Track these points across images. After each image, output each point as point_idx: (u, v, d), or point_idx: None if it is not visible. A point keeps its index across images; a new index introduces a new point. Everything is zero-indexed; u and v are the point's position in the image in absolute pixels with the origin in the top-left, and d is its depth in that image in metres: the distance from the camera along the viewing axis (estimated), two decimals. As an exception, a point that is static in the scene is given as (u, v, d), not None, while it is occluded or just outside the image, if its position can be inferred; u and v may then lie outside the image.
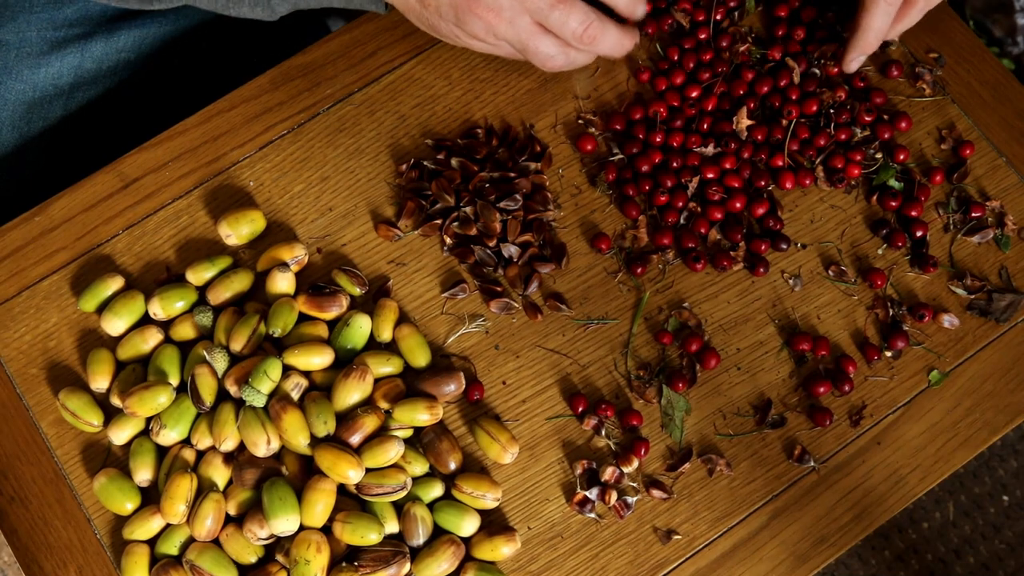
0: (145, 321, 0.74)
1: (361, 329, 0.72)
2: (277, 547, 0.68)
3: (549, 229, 0.77)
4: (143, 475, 0.69)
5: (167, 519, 0.68)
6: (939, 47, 0.82)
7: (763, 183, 0.77)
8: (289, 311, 0.71)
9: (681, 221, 0.77)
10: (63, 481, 0.71)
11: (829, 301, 0.75)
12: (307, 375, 0.71)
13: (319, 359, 0.70)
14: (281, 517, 0.65)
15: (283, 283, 0.73)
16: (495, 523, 0.70)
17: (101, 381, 0.72)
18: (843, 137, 0.78)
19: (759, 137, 0.78)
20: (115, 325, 0.73)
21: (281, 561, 0.67)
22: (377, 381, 0.71)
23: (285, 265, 0.73)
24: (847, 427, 0.72)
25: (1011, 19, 1.49)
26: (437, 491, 0.69)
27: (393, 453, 0.67)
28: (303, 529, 0.66)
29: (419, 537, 0.67)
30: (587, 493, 0.70)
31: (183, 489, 0.67)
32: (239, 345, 0.70)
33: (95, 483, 0.70)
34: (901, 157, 0.78)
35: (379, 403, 0.70)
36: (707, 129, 0.79)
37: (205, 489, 0.68)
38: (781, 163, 0.78)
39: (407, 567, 0.67)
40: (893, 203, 0.77)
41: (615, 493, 0.70)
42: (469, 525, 0.68)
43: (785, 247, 0.76)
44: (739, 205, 0.77)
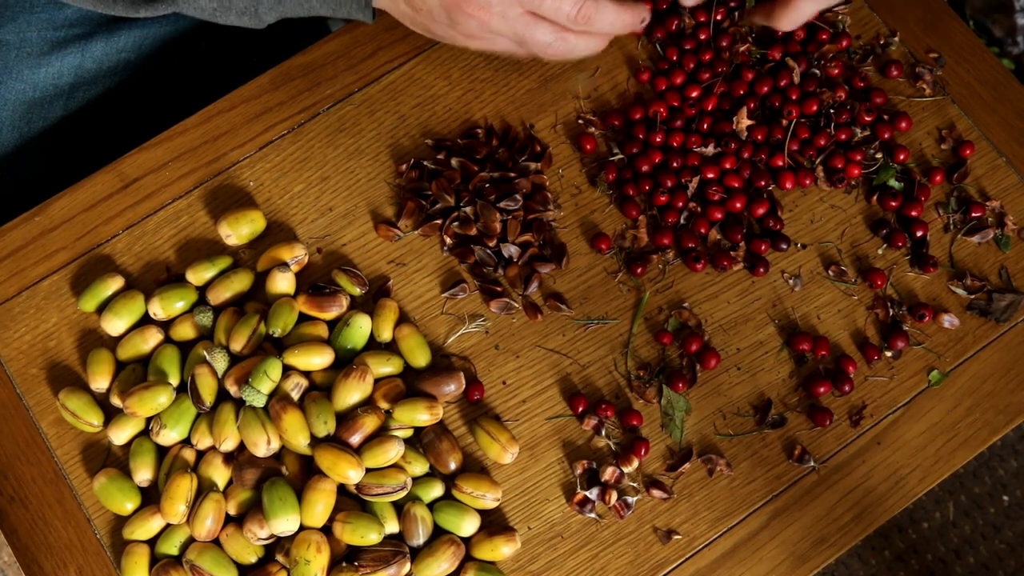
0: (145, 321, 0.74)
1: (361, 329, 0.72)
2: (277, 547, 0.68)
3: (549, 229, 0.77)
4: (143, 475, 0.69)
5: (167, 519, 0.68)
6: (939, 47, 0.82)
7: (763, 183, 0.77)
8: (289, 311, 0.71)
9: (681, 221, 0.77)
10: (63, 481, 0.71)
11: (829, 301, 0.75)
12: (307, 375, 0.71)
13: (319, 359, 0.70)
14: (281, 517, 0.65)
15: (283, 283, 0.73)
16: (495, 523, 0.70)
17: (101, 381, 0.72)
18: (843, 137, 0.78)
19: (759, 137, 0.78)
20: (115, 325, 0.73)
21: (281, 561, 0.67)
22: (377, 381, 0.71)
23: (285, 265, 0.73)
24: (847, 427, 0.72)
25: (1011, 19, 1.49)
26: (437, 491, 0.69)
27: (393, 453, 0.67)
28: (303, 529, 0.66)
29: (419, 537, 0.67)
30: (587, 493, 0.70)
31: (183, 489, 0.67)
32: (239, 345, 0.70)
33: (95, 483, 0.70)
34: (901, 157, 0.78)
35: (379, 403, 0.70)
36: (707, 129, 0.79)
37: (205, 489, 0.68)
38: (781, 163, 0.78)
39: (407, 567, 0.67)
40: (893, 203, 0.77)
41: (615, 493, 0.70)
42: (469, 525, 0.68)
43: (785, 247, 0.76)
44: (739, 205, 0.77)
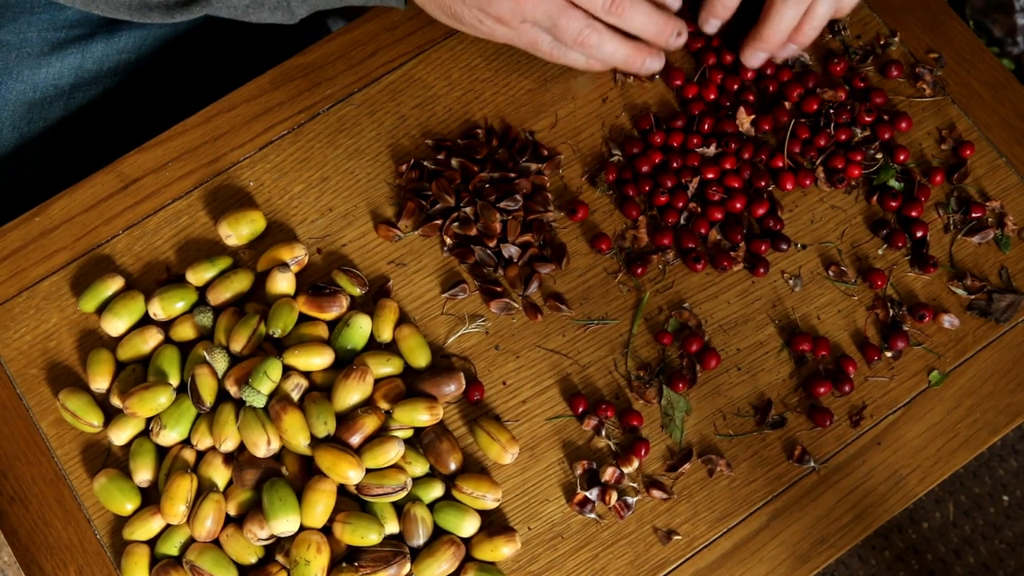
0: (145, 321, 0.74)
1: (361, 329, 0.72)
2: (277, 547, 0.68)
3: (549, 229, 0.77)
4: (143, 475, 0.69)
5: (167, 519, 0.68)
6: (939, 47, 0.82)
7: (763, 183, 0.77)
8: (289, 311, 0.71)
9: (681, 221, 0.77)
10: (63, 481, 0.71)
11: (829, 301, 0.75)
12: (307, 375, 0.71)
13: (319, 359, 0.70)
14: (281, 517, 0.65)
15: (283, 283, 0.73)
16: (495, 523, 0.70)
17: (101, 381, 0.72)
18: (843, 137, 0.78)
19: (766, 127, 0.78)
20: (115, 325, 0.73)
21: (281, 562, 0.67)
22: (377, 381, 0.71)
23: (285, 265, 0.73)
24: (847, 427, 0.72)
25: (1011, 19, 1.49)
26: (437, 491, 0.69)
27: (393, 453, 0.67)
28: (303, 529, 0.66)
29: (419, 537, 0.67)
30: (587, 493, 0.70)
31: (183, 489, 0.67)
32: (239, 345, 0.70)
33: (95, 483, 0.70)
34: (901, 157, 0.78)
35: (379, 403, 0.70)
36: (707, 129, 0.79)
37: (205, 489, 0.68)
38: (781, 163, 0.78)
39: (407, 567, 0.67)
40: (893, 203, 0.77)
41: (615, 493, 0.70)
42: (469, 525, 0.68)
43: (785, 247, 0.76)
44: (739, 205, 0.77)
